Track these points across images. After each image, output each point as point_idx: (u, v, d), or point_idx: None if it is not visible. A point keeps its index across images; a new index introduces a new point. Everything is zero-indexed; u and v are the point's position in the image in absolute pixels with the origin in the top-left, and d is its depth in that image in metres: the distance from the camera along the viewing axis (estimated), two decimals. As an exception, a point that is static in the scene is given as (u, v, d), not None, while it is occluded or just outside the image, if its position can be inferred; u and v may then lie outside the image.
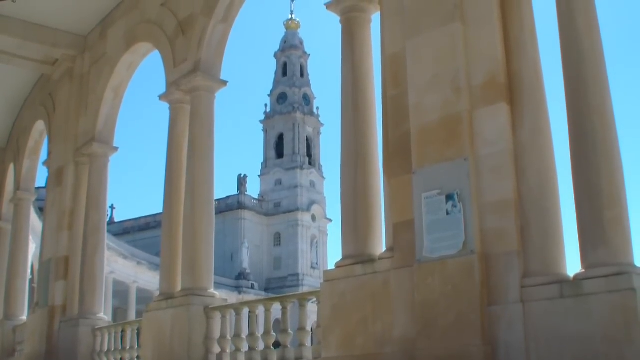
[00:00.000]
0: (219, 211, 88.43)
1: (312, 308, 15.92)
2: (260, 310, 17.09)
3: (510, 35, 11.73)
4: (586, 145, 10.35)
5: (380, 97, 13.57)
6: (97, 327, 21.98)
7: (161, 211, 19.91)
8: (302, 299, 15.70)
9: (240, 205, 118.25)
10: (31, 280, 35.93)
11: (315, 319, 14.74)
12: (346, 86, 14.53)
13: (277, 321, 17.45)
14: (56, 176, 24.82)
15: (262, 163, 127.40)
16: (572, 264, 10.68)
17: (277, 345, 16.02)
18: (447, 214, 11.29)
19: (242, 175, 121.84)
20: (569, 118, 10.64)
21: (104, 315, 22.90)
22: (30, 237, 31.54)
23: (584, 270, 10.01)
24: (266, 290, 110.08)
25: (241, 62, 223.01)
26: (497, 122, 11.28)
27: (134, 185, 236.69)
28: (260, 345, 16.63)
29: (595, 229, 10.01)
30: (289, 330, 15.80)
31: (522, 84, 11.44)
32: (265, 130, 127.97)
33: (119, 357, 21.19)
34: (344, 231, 13.87)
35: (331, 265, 14.30)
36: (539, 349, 10.14)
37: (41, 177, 30.86)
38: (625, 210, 10.18)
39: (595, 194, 10.15)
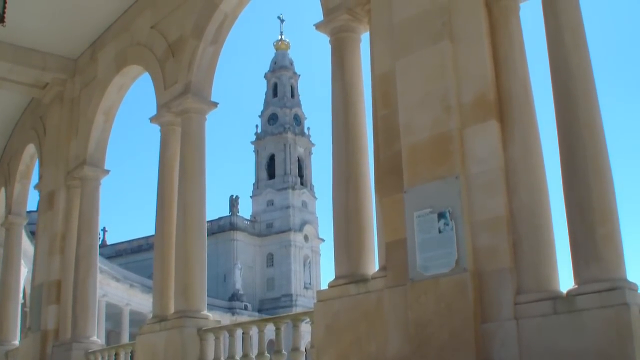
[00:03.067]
0: (211, 232, 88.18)
1: (305, 328, 15.87)
2: (253, 331, 17.06)
3: (499, 53, 11.80)
4: (577, 161, 10.39)
5: (371, 116, 13.62)
6: (90, 350, 21.84)
7: (153, 233, 19.89)
8: (296, 320, 15.66)
9: (233, 227, 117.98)
10: (23, 305, 35.72)
11: (309, 339, 14.68)
12: (337, 106, 14.56)
13: (270, 342, 17.42)
14: (47, 200, 24.76)
15: (253, 184, 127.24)
16: (565, 280, 10.71)
17: (271, 366, 15.98)
18: (439, 232, 11.29)
19: (233, 197, 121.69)
20: (559, 134, 10.68)
21: (97, 338, 22.77)
22: (22, 262, 31.42)
23: (576, 286, 10.02)
24: (259, 311, 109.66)
25: (231, 84, 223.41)
26: (488, 139, 11.32)
27: (125, 208, 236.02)
28: (254, 367, 16.57)
29: (588, 244, 10.03)
30: (283, 351, 15.76)
31: (512, 101, 11.50)
32: (256, 151, 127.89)
33: (113, 380, 21.09)
34: (336, 251, 13.86)
35: (324, 285, 14.28)
36: (533, 366, 10.13)
37: (32, 200, 30.77)
38: (617, 226, 10.21)
39: (587, 210, 10.17)
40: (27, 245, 38.03)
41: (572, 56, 10.83)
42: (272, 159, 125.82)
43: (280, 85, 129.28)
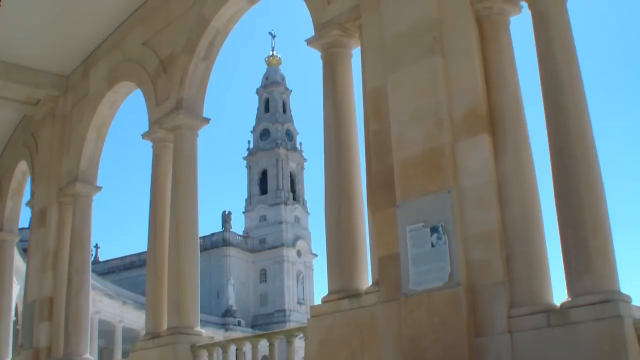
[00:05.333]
0: (203, 248, 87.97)
1: (299, 344, 15.83)
2: (247, 347, 17.01)
3: (490, 67, 11.85)
4: (568, 174, 10.43)
5: (363, 131, 13.64)
6: (82, 368, 21.75)
7: (146, 250, 19.84)
8: (290, 335, 15.63)
9: (225, 242, 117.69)
10: (15, 322, 35.55)
11: (303, 355, 14.64)
12: (328, 121, 14.58)
13: (264, 358, 17.35)
14: (40, 216, 24.68)
15: (246, 199, 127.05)
16: (559, 293, 10.73)
17: (265, 382, 15.93)
18: (432, 246, 11.30)
19: (226, 212, 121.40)
20: (551, 147, 10.73)
21: (90, 356, 22.62)
22: (14, 279, 31.26)
23: (570, 299, 10.04)
24: (253, 327, 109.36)
25: (223, 99, 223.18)
26: (480, 153, 11.35)
27: (118, 224, 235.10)
28: (248, 383, 16.52)
29: (581, 257, 10.05)
30: (277, 367, 15.71)
31: (503, 114, 11.54)
32: (248, 167, 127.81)
33: (106, 398, 21.00)
34: (329, 266, 13.85)
35: (318, 301, 14.27)
36: (527, 380, 10.12)
37: (24, 217, 30.66)
38: (610, 238, 10.24)
39: (579, 222, 10.21)
40: (19, 263, 37.87)
41: (562, 69, 10.90)
42: (264, 175, 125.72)
43: (272, 100, 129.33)
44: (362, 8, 13.89)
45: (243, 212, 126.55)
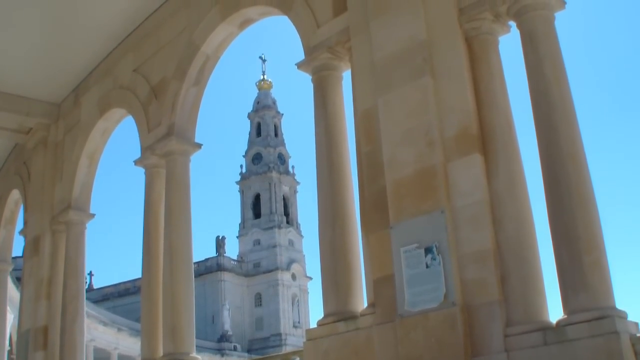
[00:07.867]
0: (198, 274, 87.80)
1: (296, 367, 15.80)
2: (243, 372, 16.95)
3: (480, 86, 11.89)
4: (561, 191, 10.46)
5: (355, 153, 13.66)
6: (78, 397, 21.60)
7: (140, 276, 19.77)
8: (286, 359, 15.59)
9: (220, 267, 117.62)
10: (10, 352, 35.37)
11: (300, 379, 14.62)
12: (320, 144, 14.60)
13: (261, 382, 17.27)
14: (33, 245, 24.60)
15: (239, 224, 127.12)
16: (554, 310, 10.72)
17: (262, 407, 15.88)
18: (427, 267, 11.29)
19: (220, 237, 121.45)
20: (543, 165, 10.77)
21: (85, 384, 22.54)
22: (8, 308, 31.13)
23: (566, 316, 10.03)
24: (249, 351, 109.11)
25: (215, 124, 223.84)
26: (472, 173, 11.37)
27: (112, 251, 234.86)
28: (245, 408, 16.44)
29: (575, 274, 10.06)
30: (274, 391, 15.66)
31: (495, 134, 11.57)
32: (241, 191, 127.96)
33: None
34: (324, 289, 13.82)
35: (313, 324, 14.22)
36: (525, 399, 10.09)
37: (18, 246, 30.59)
38: (604, 254, 10.25)
39: (573, 239, 10.22)
40: (12, 291, 37.78)
41: (552, 87, 10.95)
42: (257, 199, 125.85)
43: (263, 124, 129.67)
44: (351, 31, 13.94)
45: (237, 237, 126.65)
